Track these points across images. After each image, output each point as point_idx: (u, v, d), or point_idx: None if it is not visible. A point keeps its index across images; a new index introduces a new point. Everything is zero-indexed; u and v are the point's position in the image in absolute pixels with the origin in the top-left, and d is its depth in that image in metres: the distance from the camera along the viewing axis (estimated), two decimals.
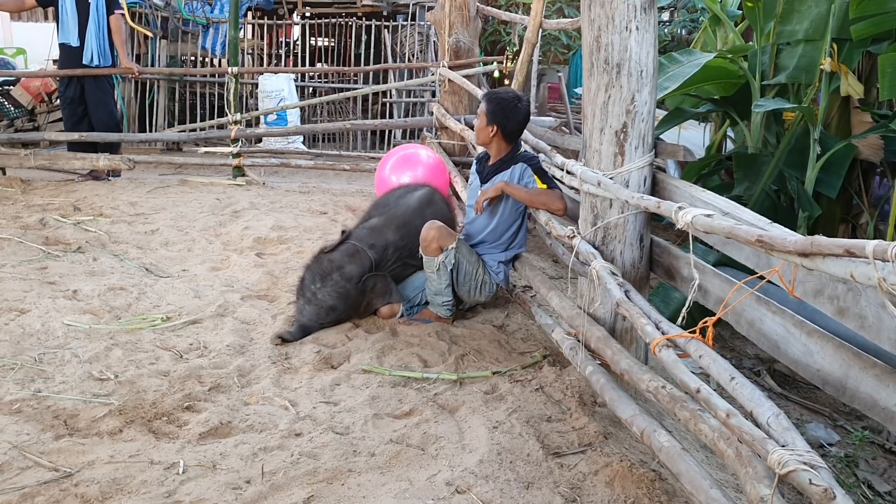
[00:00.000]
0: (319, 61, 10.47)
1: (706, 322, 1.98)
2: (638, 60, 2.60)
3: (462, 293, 3.44)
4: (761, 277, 1.96)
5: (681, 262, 2.67)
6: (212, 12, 9.25)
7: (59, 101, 7.09)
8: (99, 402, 2.56)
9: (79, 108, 6.44)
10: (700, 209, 2.00)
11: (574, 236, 2.86)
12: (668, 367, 2.02)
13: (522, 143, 3.54)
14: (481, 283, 3.43)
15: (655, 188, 2.77)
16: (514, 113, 3.31)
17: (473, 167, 3.65)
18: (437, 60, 7.30)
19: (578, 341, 2.77)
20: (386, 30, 9.62)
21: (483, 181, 3.49)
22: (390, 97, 9.38)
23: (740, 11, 5.86)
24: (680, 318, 2.13)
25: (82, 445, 2.29)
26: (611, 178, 2.66)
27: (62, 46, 6.37)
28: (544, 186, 3.30)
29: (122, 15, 6.43)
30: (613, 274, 2.58)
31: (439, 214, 3.57)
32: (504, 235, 3.47)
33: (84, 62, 6.31)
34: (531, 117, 3.73)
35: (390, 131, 9.12)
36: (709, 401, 1.82)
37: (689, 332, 2.03)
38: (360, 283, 3.31)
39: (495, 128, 3.34)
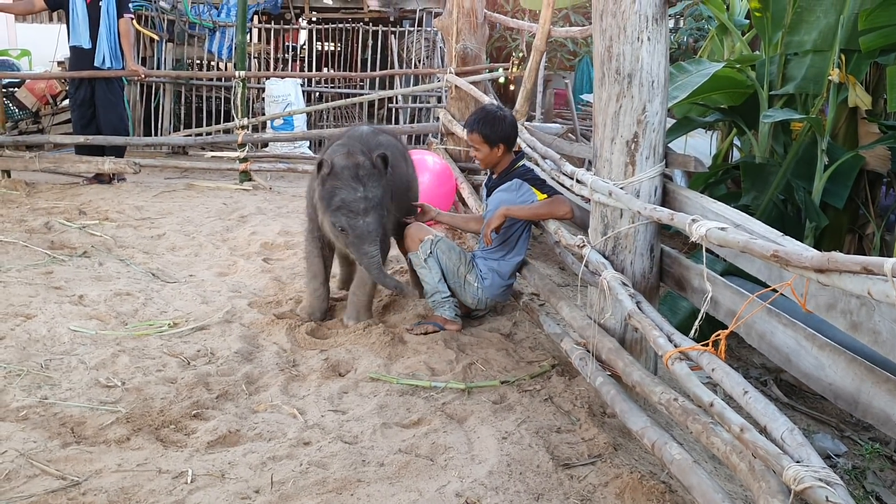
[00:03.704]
0: (326, 66, 10.48)
1: (719, 335, 1.97)
2: (649, 71, 2.60)
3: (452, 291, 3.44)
4: (774, 290, 1.95)
5: (691, 273, 2.66)
6: (218, 16, 9.27)
7: (68, 102, 7.10)
8: (106, 410, 2.55)
9: (88, 111, 6.45)
10: (713, 222, 1.98)
11: (584, 245, 2.85)
12: (681, 379, 2.01)
13: (524, 149, 3.54)
14: (464, 281, 3.41)
15: (665, 198, 2.76)
16: (503, 123, 3.33)
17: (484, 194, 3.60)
18: (443, 66, 7.30)
19: (588, 351, 2.75)
20: (392, 35, 9.63)
21: (488, 194, 3.48)
22: (396, 103, 9.38)
23: (747, 21, 5.85)
24: (692, 331, 2.12)
25: (90, 453, 2.28)
26: (621, 188, 2.65)
27: (73, 49, 6.38)
28: (544, 196, 3.29)
29: (132, 19, 6.46)
30: (624, 284, 2.57)
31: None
32: (499, 242, 3.44)
33: (96, 64, 6.33)
34: (538, 124, 3.73)
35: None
36: (723, 415, 1.81)
37: (702, 345, 2.02)
38: (383, 159, 3.16)
39: (501, 146, 3.34)
